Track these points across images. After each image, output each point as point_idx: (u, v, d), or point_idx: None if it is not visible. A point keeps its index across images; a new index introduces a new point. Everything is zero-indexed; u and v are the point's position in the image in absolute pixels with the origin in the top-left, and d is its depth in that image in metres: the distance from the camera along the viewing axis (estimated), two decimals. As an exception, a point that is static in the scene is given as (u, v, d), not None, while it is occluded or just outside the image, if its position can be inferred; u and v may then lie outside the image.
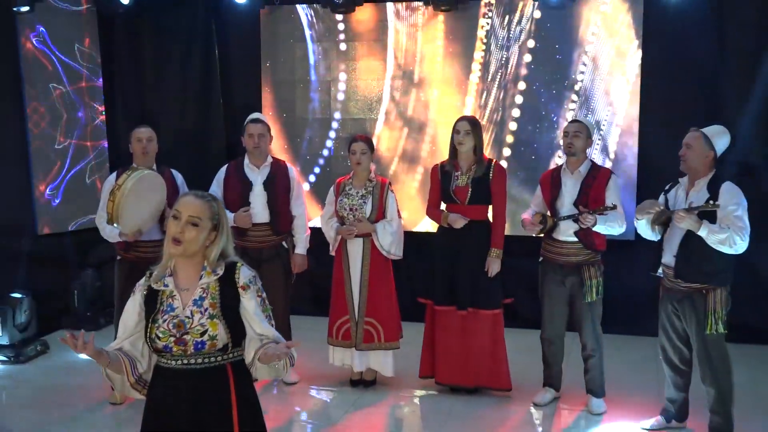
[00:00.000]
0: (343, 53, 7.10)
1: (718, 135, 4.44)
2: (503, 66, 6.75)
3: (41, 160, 6.63)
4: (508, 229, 5.24)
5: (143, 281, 2.85)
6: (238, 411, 2.78)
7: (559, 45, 6.62)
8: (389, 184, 5.39)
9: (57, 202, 6.79)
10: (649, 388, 5.38)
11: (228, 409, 2.77)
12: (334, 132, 7.18)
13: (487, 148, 6.59)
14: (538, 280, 5.16)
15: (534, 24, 6.65)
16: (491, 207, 5.21)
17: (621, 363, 5.78)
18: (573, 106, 6.62)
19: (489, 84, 6.80)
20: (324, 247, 5.55)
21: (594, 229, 4.84)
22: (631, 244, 6.17)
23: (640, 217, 4.57)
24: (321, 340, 5.50)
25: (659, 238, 4.54)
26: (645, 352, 5.93)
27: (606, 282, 5.00)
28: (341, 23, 7.04)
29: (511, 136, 6.79)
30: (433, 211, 5.33)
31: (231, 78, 7.37)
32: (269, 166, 5.46)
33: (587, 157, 5.04)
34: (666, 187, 4.64)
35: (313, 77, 7.18)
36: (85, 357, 2.70)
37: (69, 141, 6.90)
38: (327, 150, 7.20)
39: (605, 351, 5.06)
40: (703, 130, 4.45)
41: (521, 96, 6.74)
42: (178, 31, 7.33)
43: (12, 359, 5.92)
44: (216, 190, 5.39)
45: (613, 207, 4.80)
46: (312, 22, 7.12)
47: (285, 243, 5.51)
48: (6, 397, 5.43)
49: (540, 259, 5.13)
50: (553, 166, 6.20)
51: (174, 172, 5.34)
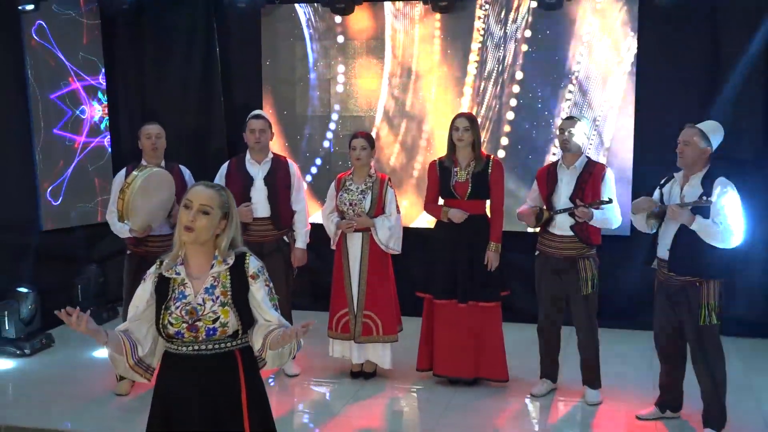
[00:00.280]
0: (342, 52, 7.16)
1: (713, 131, 4.47)
2: (500, 63, 6.83)
3: (45, 157, 6.70)
4: (505, 225, 5.28)
5: (153, 269, 2.93)
6: (247, 395, 2.86)
7: (555, 42, 6.68)
8: (389, 180, 5.46)
9: (60, 198, 6.86)
10: (644, 379, 5.46)
11: (237, 394, 2.84)
12: (332, 130, 7.25)
13: (484, 144, 6.63)
14: (534, 274, 5.23)
15: (530, 21, 6.72)
16: (489, 202, 5.28)
17: (616, 355, 5.83)
18: (568, 102, 6.70)
19: (485, 81, 6.87)
20: (324, 243, 5.62)
21: (590, 223, 4.91)
22: (627, 239, 6.26)
23: (636, 215, 4.66)
24: (321, 334, 5.54)
25: (654, 231, 4.61)
26: (640, 345, 5.97)
27: (602, 276, 5.06)
28: (340, 22, 7.11)
29: (508, 132, 6.86)
30: (432, 207, 5.37)
31: (231, 76, 7.42)
32: (270, 161, 5.53)
33: (583, 153, 5.10)
34: (661, 182, 4.69)
35: (313, 75, 7.26)
36: (83, 332, 2.76)
37: (72, 138, 6.98)
38: (325, 146, 7.27)
39: (601, 344, 5.12)
40: (699, 126, 4.48)
41: (517, 93, 6.81)
42: (179, 30, 7.38)
43: (18, 352, 6.00)
44: (219, 185, 5.45)
45: (609, 201, 4.89)
46: (311, 21, 7.20)
47: (286, 237, 5.58)
48: (12, 390, 5.50)
49: (536, 253, 5.20)
50: (549, 161, 6.27)
51: (182, 168, 5.41)
